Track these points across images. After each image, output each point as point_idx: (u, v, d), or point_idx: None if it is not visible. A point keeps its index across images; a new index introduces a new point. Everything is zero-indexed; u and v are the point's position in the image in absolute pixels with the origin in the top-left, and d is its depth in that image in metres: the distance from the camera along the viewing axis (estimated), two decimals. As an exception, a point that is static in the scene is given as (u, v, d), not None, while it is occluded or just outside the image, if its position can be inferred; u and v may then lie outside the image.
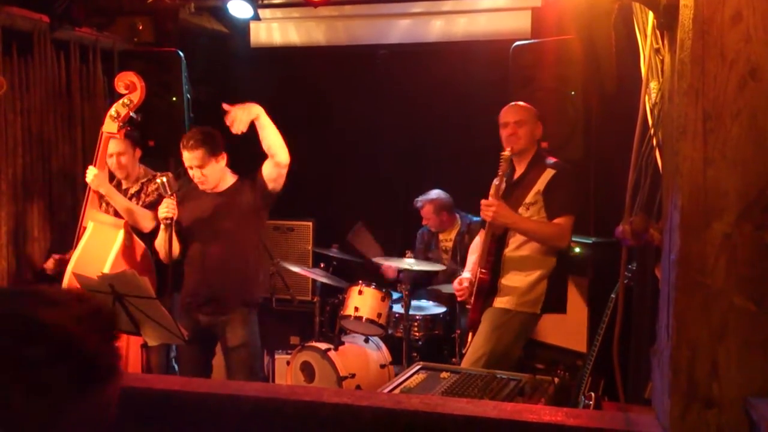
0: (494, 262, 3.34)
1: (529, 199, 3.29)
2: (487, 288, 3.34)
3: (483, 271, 3.34)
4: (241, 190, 3.55)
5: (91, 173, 3.54)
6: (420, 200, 4.81)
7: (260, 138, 3.43)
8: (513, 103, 3.42)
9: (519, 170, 3.38)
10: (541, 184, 3.28)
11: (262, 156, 3.50)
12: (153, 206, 3.70)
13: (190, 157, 3.41)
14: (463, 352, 3.52)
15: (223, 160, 3.49)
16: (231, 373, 3.60)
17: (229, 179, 3.57)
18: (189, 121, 4.23)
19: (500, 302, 3.33)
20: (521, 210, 3.29)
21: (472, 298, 3.40)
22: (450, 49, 4.98)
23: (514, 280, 3.33)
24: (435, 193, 4.77)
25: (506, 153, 3.22)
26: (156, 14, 4.72)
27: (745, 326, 1.40)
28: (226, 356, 3.61)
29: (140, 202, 3.76)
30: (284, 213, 5.18)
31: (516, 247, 3.34)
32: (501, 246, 3.36)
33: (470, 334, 3.43)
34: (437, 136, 5.18)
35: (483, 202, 3.23)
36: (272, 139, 3.43)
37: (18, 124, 3.99)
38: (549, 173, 3.28)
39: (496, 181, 3.25)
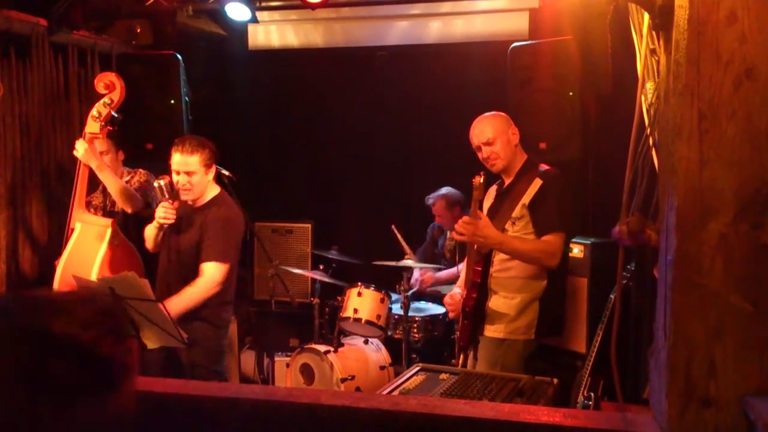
0: (480, 284, 3.07)
1: (516, 213, 3.03)
2: (473, 313, 3.07)
3: (468, 294, 3.08)
4: (220, 204, 3.34)
5: (81, 146, 3.48)
6: (431, 197, 4.73)
7: None
8: (477, 120, 3.16)
9: (507, 180, 3.17)
10: (527, 196, 3.02)
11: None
12: None
13: (181, 161, 3.23)
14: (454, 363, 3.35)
15: (212, 173, 3.32)
16: None
17: (211, 193, 3.37)
18: (187, 123, 4.23)
19: (491, 331, 3.08)
20: (508, 225, 3.03)
21: (459, 322, 3.16)
22: (448, 50, 4.98)
23: (500, 304, 3.07)
24: (445, 189, 4.71)
25: (478, 179, 2.92)
26: (154, 17, 4.73)
27: (741, 325, 1.40)
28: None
29: None
30: (283, 215, 5.20)
31: (502, 267, 3.08)
32: (486, 265, 3.08)
33: (461, 356, 3.24)
34: (435, 137, 5.19)
35: (461, 220, 2.91)
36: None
37: (16, 127, 3.99)
38: (537, 184, 3.02)
39: (473, 207, 2.98)
